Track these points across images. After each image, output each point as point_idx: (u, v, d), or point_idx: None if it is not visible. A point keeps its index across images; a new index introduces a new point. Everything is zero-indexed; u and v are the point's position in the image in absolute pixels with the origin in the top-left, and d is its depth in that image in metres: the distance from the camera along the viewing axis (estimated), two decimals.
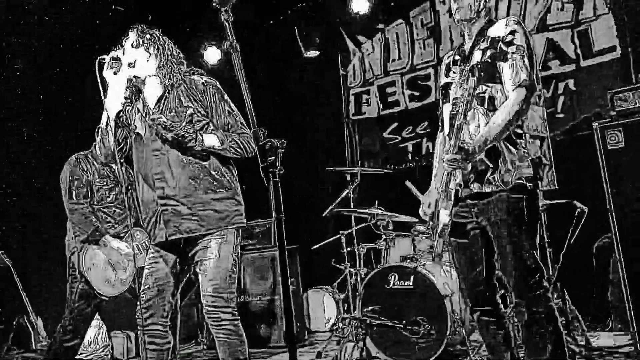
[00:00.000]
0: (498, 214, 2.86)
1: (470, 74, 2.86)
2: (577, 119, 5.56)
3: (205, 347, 6.01)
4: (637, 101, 3.96)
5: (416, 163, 6.43)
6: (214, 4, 2.02)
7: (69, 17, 5.85)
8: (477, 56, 2.91)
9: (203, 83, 3.03)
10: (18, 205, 5.92)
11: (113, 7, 6.16)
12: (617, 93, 4.02)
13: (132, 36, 3.06)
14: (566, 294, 4.40)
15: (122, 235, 4.36)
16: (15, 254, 5.67)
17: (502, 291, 3.14)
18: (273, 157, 1.91)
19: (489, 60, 2.84)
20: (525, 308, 2.84)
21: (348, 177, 6.29)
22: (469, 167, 2.88)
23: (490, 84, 2.82)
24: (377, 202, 5.12)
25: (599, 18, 5.45)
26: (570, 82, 5.61)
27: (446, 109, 3.05)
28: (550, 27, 5.70)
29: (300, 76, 7.08)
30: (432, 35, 6.40)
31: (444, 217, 2.96)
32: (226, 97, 3.07)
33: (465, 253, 3.05)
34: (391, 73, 6.67)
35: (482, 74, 2.84)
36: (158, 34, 3.10)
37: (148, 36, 3.06)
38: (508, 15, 5.78)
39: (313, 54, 6.86)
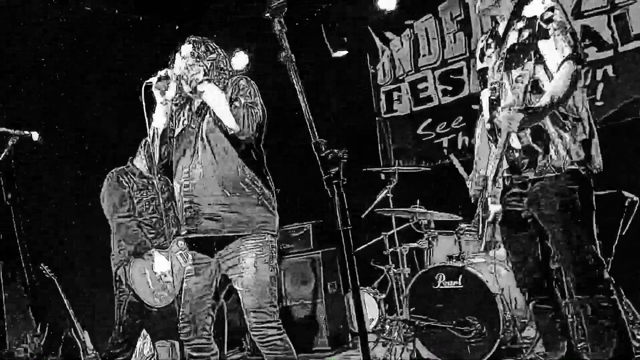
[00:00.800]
0: (550, 205, 2.79)
1: (510, 56, 2.79)
2: (617, 106, 5.43)
3: (249, 352, 6.01)
4: None
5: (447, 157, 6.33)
6: (265, 15, 1.99)
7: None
8: (512, 37, 2.83)
9: (244, 81, 3.03)
10: (60, 217, 5.98)
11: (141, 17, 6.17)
12: None
13: (187, 47, 3.11)
14: (620, 288, 4.30)
15: (165, 245, 4.38)
16: (59, 266, 5.72)
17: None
18: (336, 168, 1.87)
19: (527, 41, 2.76)
20: (588, 303, 2.77)
21: (383, 177, 6.30)
22: (525, 139, 2.77)
23: (528, 65, 2.70)
24: (418, 201, 5.06)
25: (637, 0, 5.31)
26: (609, 68, 5.47)
27: (485, 95, 2.98)
28: (585, 14, 5.56)
29: (328, 76, 7.02)
30: (462, 28, 6.30)
31: (494, 205, 2.90)
32: (257, 90, 3.03)
33: (518, 242, 3.00)
34: (422, 69, 6.59)
35: (520, 55, 2.76)
36: (211, 45, 3.16)
37: (203, 47, 3.12)
38: None
39: (341, 53, 6.80)
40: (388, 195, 5.24)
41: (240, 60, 7.05)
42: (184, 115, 3.15)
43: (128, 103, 3.32)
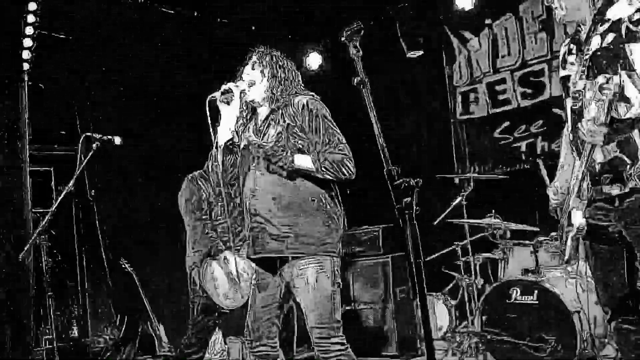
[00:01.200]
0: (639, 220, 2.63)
1: (593, 63, 2.62)
2: None
3: None
4: None
5: (530, 164, 6.10)
6: (340, 39, 1.97)
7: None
8: (595, 42, 2.64)
9: (305, 103, 3.00)
10: (139, 217, 6.22)
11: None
12: None
13: (254, 58, 3.13)
14: None
15: (239, 248, 4.45)
16: (137, 261, 5.95)
17: None
18: (409, 199, 1.83)
19: (611, 46, 2.58)
20: None
21: (456, 181, 6.16)
22: (611, 151, 2.63)
23: (614, 70, 2.54)
24: (493, 210, 4.92)
25: None
26: None
27: (568, 104, 2.81)
28: None
29: (403, 76, 6.92)
30: (544, 28, 6.04)
31: (578, 218, 2.77)
32: (327, 114, 3.01)
33: (604, 257, 2.84)
34: (501, 70, 6.37)
35: (604, 61, 2.59)
36: (277, 56, 3.13)
37: (268, 58, 3.11)
38: None
39: (416, 53, 6.68)
40: (462, 202, 5.12)
41: (314, 60, 7.06)
42: (248, 131, 3.16)
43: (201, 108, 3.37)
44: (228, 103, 3.02)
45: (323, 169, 2.89)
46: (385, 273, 5.73)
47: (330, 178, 2.93)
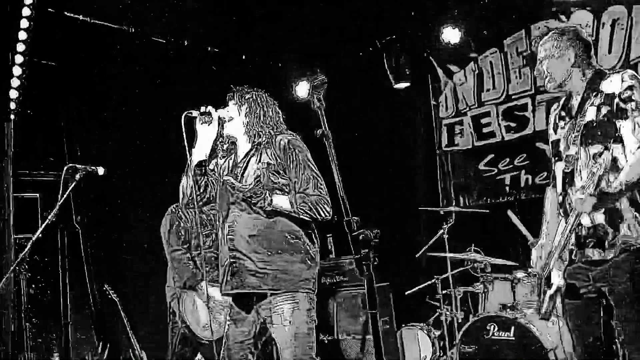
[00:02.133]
0: (621, 282, 2.72)
1: (587, 132, 2.74)
2: None
3: None
4: None
5: (514, 196, 6.17)
6: (308, 90, 2.02)
7: None
8: (591, 113, 2.76)
9: (286, 142, 3.06)
10: (127, 241, 6.24)
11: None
12: None
13: (236, 95, 3.19)
14: None
15: (216, 279, 4.46)
16: (121, 289, 5.95)
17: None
18: (367, 250, 1.87)
19: (606, 119, 2.70)
20: None
21: (442, 212, 6.20)
22: (597, 217, 2.74)
23: (606, 143, 2.68)
24: (473, 245, 4.97)
25: None
26: None
27: (558, 168, 2.92)
28: None
29: (389, 108, 7.00)
30: (528, 63, 6.15)
31: (557, 278, 2.86)
32: (307, 155, 3.07)
33: (581, 316, 2.92)
34: (485, 103, 6.47)
35: (598, 132, 2.70)
36: (258, 95, 3.19)
37: (247, 96, 3.18)
38: (610, 46, 5.47)
39: (403, 85, 6.77)
40: (444, 235, 5.17)
41: (303, 89, 7.13)
42: (227, 163, 3.22)
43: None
44: (207, 125, 3.07)
45: (300, 210, 2.96)
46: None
47: (307, 219, 3.00)
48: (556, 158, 2.94)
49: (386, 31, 6.58)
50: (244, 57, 6.92)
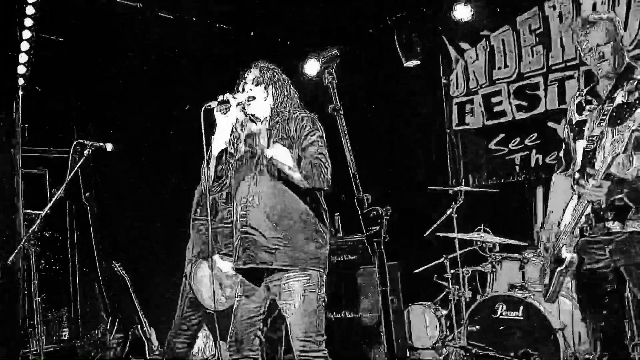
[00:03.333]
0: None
1: (617, 113, 2.81)
2: None
3: None
4: None
5: (524, 176, 6.12)
6: (319, 63, 1.98)
7: None
8: (620, 97, 2.85)
9: (304, 117, 3.04)
10: (133, 221, 6.25)
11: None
12: None
13: (254, 72, 3.13)
14: None
15: (229, 253, 4.47)
16: (130, 265, 5.98)
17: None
18: (378, 227, 1.85)
19: (636, 102, 2.75)
20: None
21: (451, 192, 6.16)
22: (608, 200, 2.76)
23: (632, 124, 2.69)
24: (482, 224, 4.94)
25: None
26: None
27: (580, 145, 2.96)
28: None
29: (400, 86, 6.93)
30: (540, 41, 6.04)
31: (568, 254, 2.85)
32: (322, 134, 3.04)
33: (594, 292, 2.91)
34: (497, 82, 6.38)
35: (627, 114, 2.75)
36: (278, 73, 3.16)
37: (269, 74, 3.13)
38: (626, 26, 5.36)
39: (414, 63, 6.69)
40: (453, 215, 5.14)
41: (312, 67, 7.05)
42: (245, 143, 3.19)
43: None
44: (225, 113, 3.03)
45: (300, 168, 2.89)
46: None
47: (306, 183, 2.91)
48: (577, 137, 3.00)
49: (398, 8, 6.47)
50: (252, 33, 6.85)
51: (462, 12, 6.23)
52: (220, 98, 3.02)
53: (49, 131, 5.83)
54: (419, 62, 6.62)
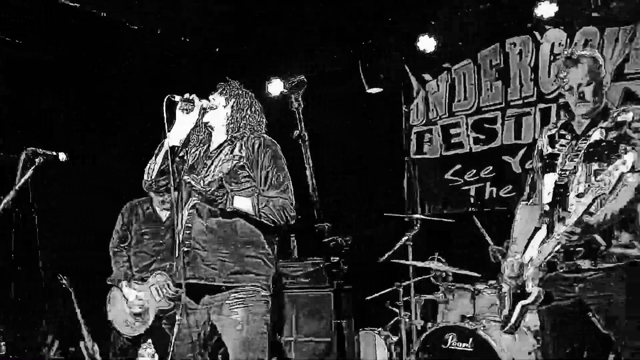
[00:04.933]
0: (614, 294, 2.76)
1: (593, 150, 2.83)
2: None
3: None
4: None
5: (478, 207, 6.22)
6: (284, 90, 1.98)
7: None
8: (597, 134, 2.86)
9: (262, 142, 3.04)
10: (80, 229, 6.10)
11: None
12: None
13: (224, 86, 3.16)
14: None
15: (144, 277, 4.57)
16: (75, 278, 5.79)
17: None
18: (337, 258, 1.83)
19: (613, 142, 2.79)
20: None
21: (407, 219, 6.21)
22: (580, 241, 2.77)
23: (604, 164, 2.75)
24: (437, 253, 4.98)
25: None
26: None
27: (549, 178, 2.96)
28: (628, 77, 5.43)
29: (360, 113, 6.99)
30: (500, 77, 6.21)
31: (534, 288, 2.86)
32: (282, 160, 3.04)
33: (560, 327, 2.92)
34: (456, 113, 6.51)
35: (605, 152, 2.79)
36: (248, 94, 3.18)
37: (237, 92, 3.15)
38: None
39: (376, 90, 6.78)
40: (408, 243, 5.17)
41: (275, 87, 7.04)
42: (198, 152, 3.17)
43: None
44: (187, 113, 3.02)
45: (262, 213, 2.91)
46: (327, 306, 5.68)
47: (268, 222, 2.93)
48: (548, 169, 2.98)
49: (398, 8, 6.42)
50: (217, 50, 6.80)
51: (426, 44, 6.36)
52: (186, 95, 3.00)
53: None
54: (381, 90, 6.70)
